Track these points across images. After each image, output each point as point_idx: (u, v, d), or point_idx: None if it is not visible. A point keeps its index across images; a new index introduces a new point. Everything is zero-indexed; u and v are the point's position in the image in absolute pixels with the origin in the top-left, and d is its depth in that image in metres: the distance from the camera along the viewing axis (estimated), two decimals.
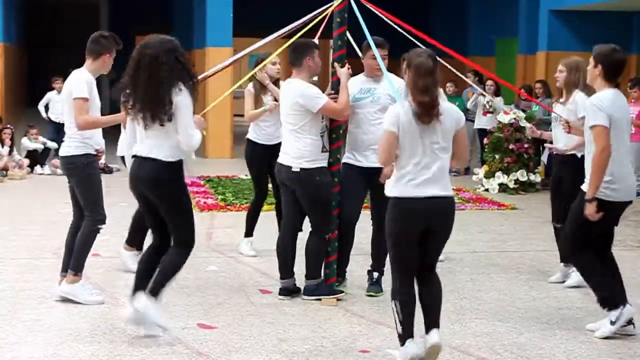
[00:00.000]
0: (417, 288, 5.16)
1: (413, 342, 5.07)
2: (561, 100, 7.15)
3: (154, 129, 5.45)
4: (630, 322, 5.86)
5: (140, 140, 5.60)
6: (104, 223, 6.48)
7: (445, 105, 5.14)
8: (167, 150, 5.48)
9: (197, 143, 5.53)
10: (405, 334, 5.07)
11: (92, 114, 6.35)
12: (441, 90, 6.74)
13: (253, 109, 7.78)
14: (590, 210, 5.75)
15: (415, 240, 5.07)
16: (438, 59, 5.19)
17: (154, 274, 5.60)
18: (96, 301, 6.35)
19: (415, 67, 5.07)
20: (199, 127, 5.63)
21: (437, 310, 5.16)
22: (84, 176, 6.39)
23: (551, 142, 7.29)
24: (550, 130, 7.44)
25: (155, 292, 5.54)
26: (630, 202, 5.97)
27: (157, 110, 5.40)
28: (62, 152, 6.48)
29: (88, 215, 6.41)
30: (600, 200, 5.76)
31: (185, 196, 5.63)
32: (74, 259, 6.37)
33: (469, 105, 14.37)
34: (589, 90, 6.44)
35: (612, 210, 5.86)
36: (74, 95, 6.29)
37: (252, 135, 7.95)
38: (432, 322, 5.13)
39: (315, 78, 6.73)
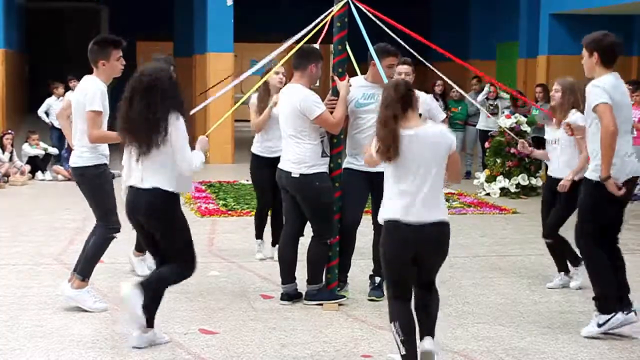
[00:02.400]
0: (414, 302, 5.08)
1: None
2: (553, 123, 7.11)
3: (150, 157, 5.35)
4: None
5: (135, 169, 5.48)
6: (118, 231, 6.44)
7: (435, 130, 4.97)
8: (163, 179, 5.38)
9: (198, 166, 5.45)
10: (410, 355, 4.90)
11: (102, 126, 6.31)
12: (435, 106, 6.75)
13: (257, 119, 7.77)
14: (612, 188, 5.70)
15: (409, 261, 4.93)
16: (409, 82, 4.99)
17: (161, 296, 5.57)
18: (100, 308, 6.34)
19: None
20: (202, 148, 5.60)
21: (432, 322, 5.04)
22: (95, 186, 6.36)
23: (541, 161, 7.23)
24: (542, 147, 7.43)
25: (145, 288, 5.41)
26: (636, 181, 5.93)
27: (152, 138, 5.29)
28: (73, 162, 6.41)
29: (102, 224, 6.39)
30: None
31: (181, 226, 5.50)
32: (84, 265, 6.37)
33: (479, 98, 14.26)
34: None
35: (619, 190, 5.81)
36: (88, 108, 6.23)
37: (255, 148, 7.97)
38: (426, 331, 5.02)
39: (317, 83, 6.72)
